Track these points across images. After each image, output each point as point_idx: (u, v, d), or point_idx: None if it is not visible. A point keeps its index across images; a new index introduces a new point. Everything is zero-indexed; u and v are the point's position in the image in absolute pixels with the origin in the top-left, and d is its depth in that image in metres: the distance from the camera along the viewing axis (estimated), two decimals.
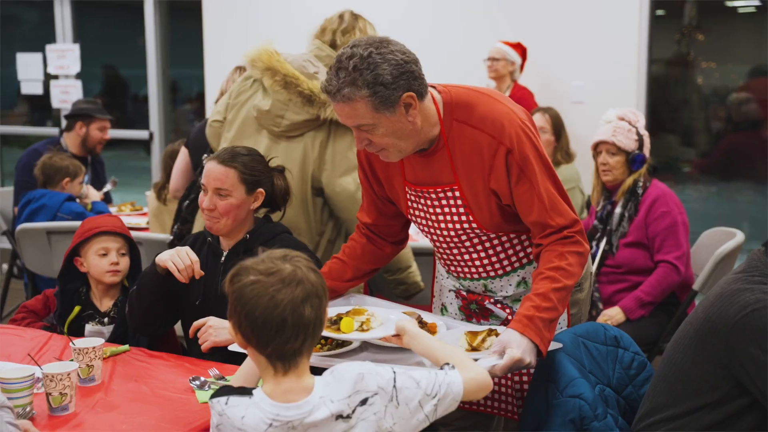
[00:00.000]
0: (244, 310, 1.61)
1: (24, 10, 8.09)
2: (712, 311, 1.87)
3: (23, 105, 8.15)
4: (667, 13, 5.78)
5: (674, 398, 1.92)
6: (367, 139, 2.10)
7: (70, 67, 7.24)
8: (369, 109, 2.02)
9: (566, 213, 2.15)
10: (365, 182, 2.42)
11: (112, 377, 2.29)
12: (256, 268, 1.64)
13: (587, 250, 2.18)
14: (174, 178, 3.91)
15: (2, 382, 2.00)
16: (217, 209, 2.52)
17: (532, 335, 2.00)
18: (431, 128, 2.15)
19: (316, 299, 1.64)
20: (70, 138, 4.98)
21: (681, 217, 3.56)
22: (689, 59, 5.84)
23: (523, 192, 2.13)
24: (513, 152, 2.10)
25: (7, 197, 5.13)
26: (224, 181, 2.52)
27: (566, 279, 2.09)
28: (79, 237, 2.80)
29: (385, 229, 2.48)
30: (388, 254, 2.52)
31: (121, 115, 8.15)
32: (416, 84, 2.05)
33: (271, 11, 6.42)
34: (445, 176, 2.20)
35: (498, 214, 2.20)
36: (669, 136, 6.08)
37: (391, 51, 2.02)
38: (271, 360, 1.64)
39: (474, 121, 2.14)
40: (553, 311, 2.05)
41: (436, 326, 2.24)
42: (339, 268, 2.45)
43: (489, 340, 2.10)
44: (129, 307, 2.61)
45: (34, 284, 4.44)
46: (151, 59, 7.10)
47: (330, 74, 2.04)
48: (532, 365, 2.02)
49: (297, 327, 1.61)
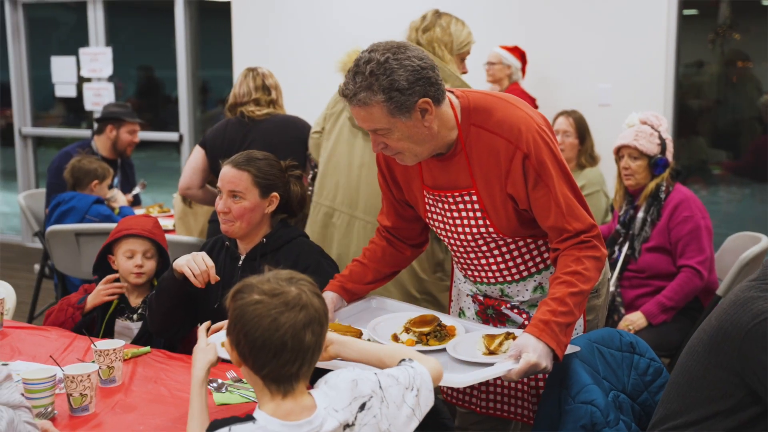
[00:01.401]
0: (244, 329, 1.59)
1: (61, 13, 8.22)
2: (726, 319, 1.86)
3: (59, 107, 8.29)
4: (701, 13, 5.72)
5: (687, 405, 1.92)
6: (383, 142, 2.12)
7: (103, 69, 7.36)
8: (384, 113, 2.04)
9: (583, 218, 2.15)
10: (384, 186, 2.44)
11: (133, 378, 2.34)
12: (261, 287, 1.63)
13: (604, 255, 2.18)
14: (186, 176, 3.88)
15: (25, 383, 2.05)
16: (232, 212, 2.57)
17: (549, 340, 2.01)
18: (449, 133, 2.16)
19: (318, 326, 1.63)
20: (100, 141, 5.06)
21: (704, 221, 3.53)
22: (724, 60, 5.77)
23: (540, 197, 2.14)
24: (530, 157, 2.11)
25: (41, 198, 5.22)
26: (238, 183, 2.56)
27: (583, 284, 2.09)
28: (111, 236, 2.89)
29: (404, 232, 2.50)
30: (408, 257, 2.55)
31: (153, 116, 8.26)
32: (432, 90, 2.06)
33: (297, 11, 6.46)
34: (463, 180, 2.22)
35: (515, 219, 2.21)
36: (699, 139, 6.01)
37: (408, 57, 2.03)
38: (266, 382, 1.62)
39: (491, 125, 2.15)
40: (569, 316, 2.05)
41: (455, 329, 2.25)
42: (360, 271, 2.47)
43: (506, 344, 2.11)
44: (148, 311, 2.66)
45: (63, 285, 4.53)
46: (180, 60, 7.17)
47: (348, 78, 2.07)
48: (549, 370, 2.02)
49: (296, 351, 1.59)
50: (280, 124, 3.75)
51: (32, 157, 8.04)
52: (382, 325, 2.30)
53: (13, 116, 7.97)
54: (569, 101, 5.15)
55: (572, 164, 4.45)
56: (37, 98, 8.09)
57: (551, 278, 2.15)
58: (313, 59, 6.33)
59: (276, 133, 3.71)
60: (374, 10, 6.04)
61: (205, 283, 2.48)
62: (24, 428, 1.70)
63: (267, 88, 3.84)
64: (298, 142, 3.72)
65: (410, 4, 5.95)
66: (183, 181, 3.88)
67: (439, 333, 2.22)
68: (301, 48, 6.45)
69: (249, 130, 3.74)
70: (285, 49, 6.54)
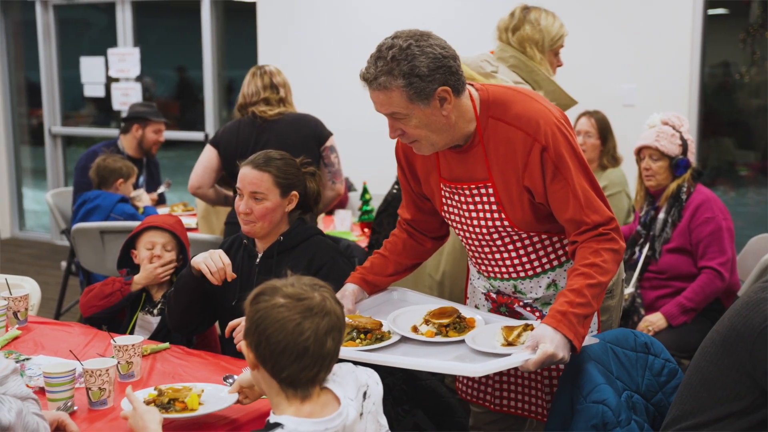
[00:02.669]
0: (267, 331, 1.59)
1: (91, 14, 8.33)
2: (738, 320, 1.85)
3: (89, 107, 8.40)
4: (731, 12, 5.67)
5: (700, 406, 1.91)
6: (401, 129, 2.13)
7: (130, 70, 7.45)
8: (403, 99, 2.05)
9: (602, 210, 2.15)
10: (403, 179, 2.46)
11: (151, 374, 2.38)
12: (285, 290, 1.63)
13: (622, 248, 2.17)
14: (197, 175, 3.85)
15: (46, 376, 2.10)
16: (253, 212, 2.60)
17: (566, 330, 2.00)
18: (467, 124, 2.17)
19: (338, 333, 1.65)
20: (126, 140, 5.13)
21: (726, 222, 3.50)
22: (755, 58, 5.71)
23: (558, 190, 2.14)
24: (548, 149, 2.12)
25: (69, 197, 5.28)
26: (259, 185, 2.59)
27: (601, 276, 2.09)
28: (135, 231, 2.96)
29: (424, 225, 2.51)
30: (429, 249, 2.56)
31: (181, 116, 8.34)
32: (452, 79, 2.08)
33: (321, 10, 6.49)
34: (479, 173, 2.23)
35: (530, 212, 2.21)
36: (725, 140, 5.96)
37: (430, 45, 2.05)
38: (283, 386, 1.63)
39: (509, 118, 2.16)
40: (587, 307, 2.05)
41: (474, 321, 2.26)
42: (380, 263, 2.49)
43: (524, 335, 2.11)
44: (167, 307, 2.71)
45: (88, 282, 4.60)
46: (206, 60, 7.23)
47: (369, 62, 2.09)
48: (566, 360, 2.01)
49: (316, 357, 1.60)
50: (292, 123, 3.77)
51: (62, 156, 8.16)
52: (402, 317, 2.32)
53: (43, 116, 8.10)
54: (593, 101, 5.12)
55: (594, 165, 4.44)
56: (67, 98, 8.20)
57: (569, 270, 2.15)
58: (338, 59, 6.37)
59: (289, 133, 3.72)
60: (399, 10, 6.06)
61: (222, 281, 2.52)
62: (32, 419, 1.73)
63: (275, 86, 3.82)
64: (311, 140, 3.75)
65: (434, 4, 5.99)
66: (194, 180, 3.85)
67: (458, 324, 2.23)
68: (325, 47, 6.49)
69: (262, 130, 3.75)
70: (310, 48, 6.57)
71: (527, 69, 2.96)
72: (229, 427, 2.02)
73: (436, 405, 2.66)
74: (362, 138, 5.94)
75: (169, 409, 1.98)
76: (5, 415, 1.66)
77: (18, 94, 8.40)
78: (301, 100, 5.23)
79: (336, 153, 3.85)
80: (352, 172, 5.65)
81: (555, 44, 3.06)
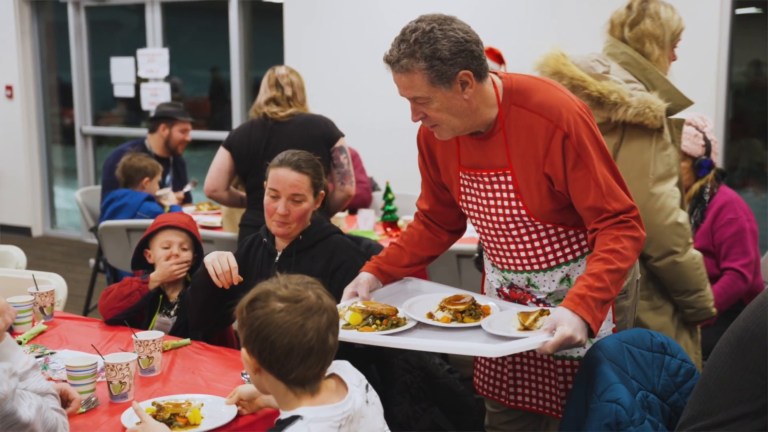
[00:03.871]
0: (270, 337, 1.60)
1: (121, 15, 8.44)
2: (752, 320, 1.85)
3: (120, 107, 8.52)
4: (763, 11, 5.61)
5: (715, 407, 1.90)
6: (423, 112, 2.14)
7: (159, 70, 7.54)
8: (425, 82, 2.07)
9: (623, 198, 2.15)
10: (423, 168, 2.47)
11: (171, 369, 2.42)
12: (280, 294, 1.64)
13: (643, 236, 2.17)
14: (212, 178, 3.85)
15: (69, 370, 2.15)
16: (291, 214, 2.62)
17: (584, 313, 2.00)
18: (488, 110, 2.18)
19: (336, 326, 1.67)
20: (153, 139, 5.20)
21: (749, 224, 3.48)
22: None
23: (579, 177, 2.14)
24: (570, 137, 2.12)
25: (97, 195, 5.37)
26: (300, 187, 2.61)
27: (620, 262, 2.08)
28: (149, 230, 2.97)
29: (441, 217, 2.52)
30: (446, 242, 2.56)
31: (212, 115, 8.41)
32: (474, 64, 2.09)
33: (348, 11, 6.52)
34: (499, 160, 2.23)
35: (548, 201, 2.22)
36: (755, 141, 5.89)
37: (453, 29, 2.07)
38: (291, 386, 1.64)
39: (531, 105, 2.16)
40: (605, 292, 2.05)
41: (489, 308, 2.27)
42: (396, 254, 2.50)
43: (541, 320, 2.11)
44: (187, 305, 2.74)
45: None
46: (234, 60, 7.30)
47: (393, 45, 2.11)
48: (583, 343, 2.02)
49: (321, 354, 1.63)
50: (302, 125, 3.77)
51: (92, 155, 8.28)
52: (417, 304, 2.32)
53: (74, 116, 8.22)
54: None
55: None
56: (98, 98, 8.32)
57: (589, 256, 2.15)
58: (363, 58, 6.39)
59: (300, 134, 3.72)
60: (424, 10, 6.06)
61: (229, 284, 2.54)
62: (51, 414, 1.78)
63: (280, 85, 3.81)
64: (321, 140, 3.75)
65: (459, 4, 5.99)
66: (209, 183, 3.85)
67: (474, 311, 2.24)
68: (351, 46, 6.51)
69: (273, 132, 3.75)
70: (335, 47, 6.61)
71: (639, 67, 2.84)
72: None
73: (454, 403, 2.67)
74: (386, 137, 5.97)
75: (172, 425, 1.97)
76: (25, 411, 1.69)
77: (50, 94, 8.54)
78: (326, 100, 5.29)
79: (346, 154, 3.83)
80: (375, 172, 5.67)
81: (675, 39, 2.93)
